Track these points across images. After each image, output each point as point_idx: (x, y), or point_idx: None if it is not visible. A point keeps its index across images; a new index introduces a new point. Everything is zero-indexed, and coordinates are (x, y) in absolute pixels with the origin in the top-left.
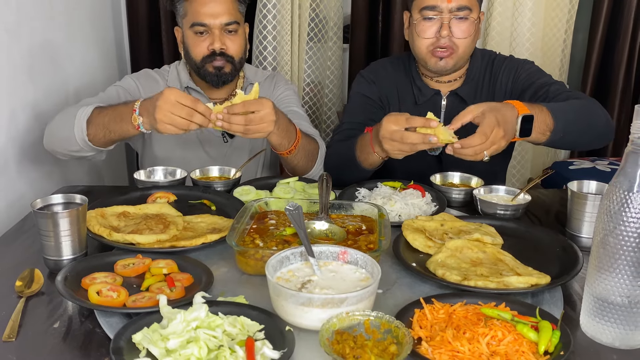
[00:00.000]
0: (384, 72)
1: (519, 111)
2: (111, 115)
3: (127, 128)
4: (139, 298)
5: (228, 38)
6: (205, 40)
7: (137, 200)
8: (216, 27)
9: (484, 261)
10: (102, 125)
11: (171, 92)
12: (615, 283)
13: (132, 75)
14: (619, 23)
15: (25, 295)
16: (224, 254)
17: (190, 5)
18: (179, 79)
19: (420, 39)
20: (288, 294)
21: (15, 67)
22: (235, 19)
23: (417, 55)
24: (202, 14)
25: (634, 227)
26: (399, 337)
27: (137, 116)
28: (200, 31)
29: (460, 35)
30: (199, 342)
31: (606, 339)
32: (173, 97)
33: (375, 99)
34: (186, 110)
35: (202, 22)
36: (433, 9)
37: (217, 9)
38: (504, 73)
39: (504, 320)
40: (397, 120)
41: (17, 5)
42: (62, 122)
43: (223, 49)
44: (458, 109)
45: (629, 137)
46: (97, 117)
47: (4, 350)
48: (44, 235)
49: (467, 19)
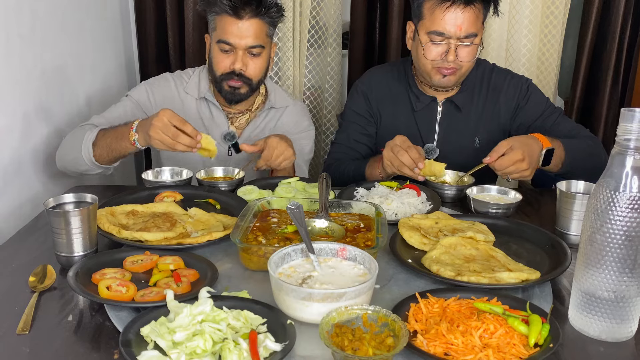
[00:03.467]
0: (377, 82)
1: (543, 145)
2: (113, 136)
3: (126, 145)
4: (147, 293)
5: (250, 60)
6: (228, 57)
7: (145, 199)
8: (240, 48)
9: (477, 258)
10: (106, 146)
11: (165, 112)
12: (602, 279)
13: (148, 81)
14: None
15: (39, 290)
16: (228, 250)
17: (220, 22)
18: (198, 87)
19: (426, 58)
20: (289, 289)
21: (28, 73)
22: (261, 42)
23: (421, 69)
24: (229, 33)
25: (620, 225)
26: (395, 330)
27: (133, 133)
28: (225, 49)
29: (466, 59)
30: (204, 335)
31: (593, 332)
32: (165, 118)
33: (366, 114)
34: (172, 131)
35: (228, 41)
36: (442, 35)
37: (245, 31)
38: (510, 88)
39: (495, 314)
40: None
41: (31, 16)
42: (71, 146)
43: (243, 70)
44: (453, 115)
45: (615, 139)
46: (101, 139)
47: (18, 343)
48: (56, 233)
49: (472, 44)
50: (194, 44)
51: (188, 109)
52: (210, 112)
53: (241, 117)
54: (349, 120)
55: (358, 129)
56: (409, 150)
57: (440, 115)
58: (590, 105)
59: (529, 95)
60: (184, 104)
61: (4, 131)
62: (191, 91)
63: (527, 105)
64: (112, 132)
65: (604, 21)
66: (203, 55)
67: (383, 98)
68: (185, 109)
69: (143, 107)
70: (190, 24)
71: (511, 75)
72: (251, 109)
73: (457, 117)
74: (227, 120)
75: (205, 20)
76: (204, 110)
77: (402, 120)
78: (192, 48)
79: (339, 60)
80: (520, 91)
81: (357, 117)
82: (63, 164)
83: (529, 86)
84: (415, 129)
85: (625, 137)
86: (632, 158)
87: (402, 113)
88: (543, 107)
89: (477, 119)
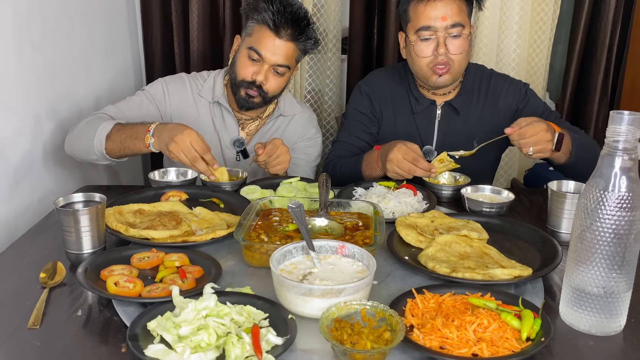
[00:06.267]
0: (380, 83)
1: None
2: (128, 133)
3: (140, 146)
4: (153, 289)
5: (273, 76)
6: (254, 66)
7: (152, 198)
8: (268, 63)
9: (471, 255)
10: (119, 142)
11: (190, 134)
12: (592, 275)
13: (165, 79)
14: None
15: (49, 286)
16: (231, 248)
17: (258, 31)
18: (212, 91)
19: (419, 58)
20: (290, 285)
21: (39, 76)
22: (288, 63)
23: (418, 73)
24: (264, 46)
25: (609, 224)
26: (392, 324)
27: (149, 136)
28: (254, 57)
29: (456, 51)
30: (208, 329)
31: (583, 327)
32: (188, 140)
33: (369, 113)
34: (193, 155)
35: (259, 52)
36: (428, 29)
37: (278, 49)
38: (509, 93)
39: (489, 309)
40: (407, 155)
41: (42, 20)
42: (84, 133)
43: (263, 84)
44: (451, 118)
45: (605, 140)
46: (116, 134)
47: (29, 337)
48: (66, 231)
49: (461, 35)
50: (198, 49)
51: (201, 111)
52: (222, 116)
53: (251, 124)
54: (352, 119)
55: (361, 127)
56: (418, 163)
57: (439, 118)
58: (580, 109)
59: (527, 99)
60: (197, 106)
61: (16, 133)
62: (205, 94)
63: (525, 109)
64: (128, 129)
65: (594, 27)
66: (207, 61)
67: (384, 99)
68: (198, 111)
69: (158, 104)
70: (195, 30)
71: (510, 80)
72: (262, 116)
73: (455, 119)
74: (238, 126)
75: (210, 27)
76: (216, 114)
77: (402, 122)
78: (196, 54)
79: (338, 65)
80: (519, 95)
81: (361, 116)
82: (72, 150)
83: (527, 90)
84: (414, 131)
85: (614, 138)
86: (621, 159)
87: (402, 115)
88: (541, 111)
89: (475, 122)
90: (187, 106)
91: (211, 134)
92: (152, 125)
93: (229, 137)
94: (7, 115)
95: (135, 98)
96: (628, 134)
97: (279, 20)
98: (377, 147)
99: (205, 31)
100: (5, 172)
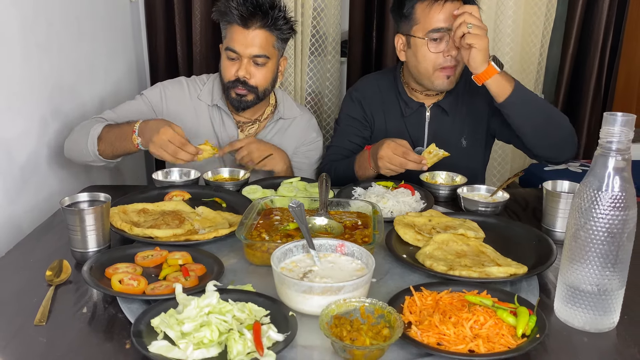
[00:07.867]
0: (370, 88)
1: None
2: (117, 134)
3: (129, 146)
4: (157, 286)
5: (255, 69)
6: (234, 65)
7: (155, 198)
8: (245, 57)
9: (468, 253)
10: (110, 142)
11: (165, 132)
12: (586, 273)
13: (164, 83)
14: (590, 37)
15: (55, 283)
16: (233, 246)
17: (229, 31)
18: (211, 94)
19: (428, 59)
20: (291, 283)
21: (45, 78)
22: (266, 53)
23: (421, 74)
24: (236, 42)
25: (603, 223)
26: (391, 321)
27: (136, 137)
28: (232, 57)
29: None
30: (211, 326)
31: (578, 323)
32: (165, 137)
33: (361, 118)
34: (172, 149)
35: (234, 49)
36: (439, 31)
37: (250, 41)
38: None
39: (485, 306)
40: (396, 150)
41: (47, 26)
42: (79, 137)
43: (246, 78)
44: (440, 119)
45: (598, 141)
46: (106, 135)
47: (36, 333)
48: (72, 230)
49: None
50: (201, 52)
51: (200, 115)
52: (221, 119)
53: (251, 127)
54: (345, 124)
55: (354, 131)
56: (408, 156)
57: (429, 119)
58: (573, 111)
59: None
60: (197, 110)
61: (22, 134)
62: (204, 98)
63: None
64: (116, 130)
65: (587, 30)
66: (210, 64)
67: (375, 104)
68: (197, 114)
69: (155, 108)
70: (198, 33)
71: None
72: (260, 118)
73: (444, 120)
74: (237, 129)
75: (212, 31)
76: (215, 117)
77: (393, 126)
78: (199, 57)
79: (338, 67)
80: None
81: (353, 121)
82: (70, 153)
83: None
84: (405, 134)
85: (608, 139)
86: (614, 159)
87: (392, 118)
88: None
89: (462, 121)
90: (185, 110)
91: (211, 137)
92: (136, 124)
93: (229, 140)
94: (13, 116)
95: (133, 102)
96: (621, 134)
97: (244, 12)
98: (368, 147)
99: (208, 35)
100: (12, 173)
